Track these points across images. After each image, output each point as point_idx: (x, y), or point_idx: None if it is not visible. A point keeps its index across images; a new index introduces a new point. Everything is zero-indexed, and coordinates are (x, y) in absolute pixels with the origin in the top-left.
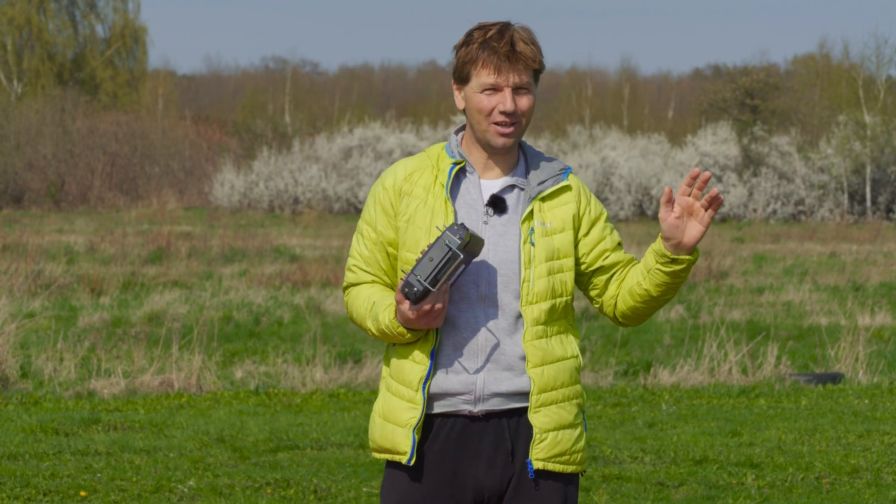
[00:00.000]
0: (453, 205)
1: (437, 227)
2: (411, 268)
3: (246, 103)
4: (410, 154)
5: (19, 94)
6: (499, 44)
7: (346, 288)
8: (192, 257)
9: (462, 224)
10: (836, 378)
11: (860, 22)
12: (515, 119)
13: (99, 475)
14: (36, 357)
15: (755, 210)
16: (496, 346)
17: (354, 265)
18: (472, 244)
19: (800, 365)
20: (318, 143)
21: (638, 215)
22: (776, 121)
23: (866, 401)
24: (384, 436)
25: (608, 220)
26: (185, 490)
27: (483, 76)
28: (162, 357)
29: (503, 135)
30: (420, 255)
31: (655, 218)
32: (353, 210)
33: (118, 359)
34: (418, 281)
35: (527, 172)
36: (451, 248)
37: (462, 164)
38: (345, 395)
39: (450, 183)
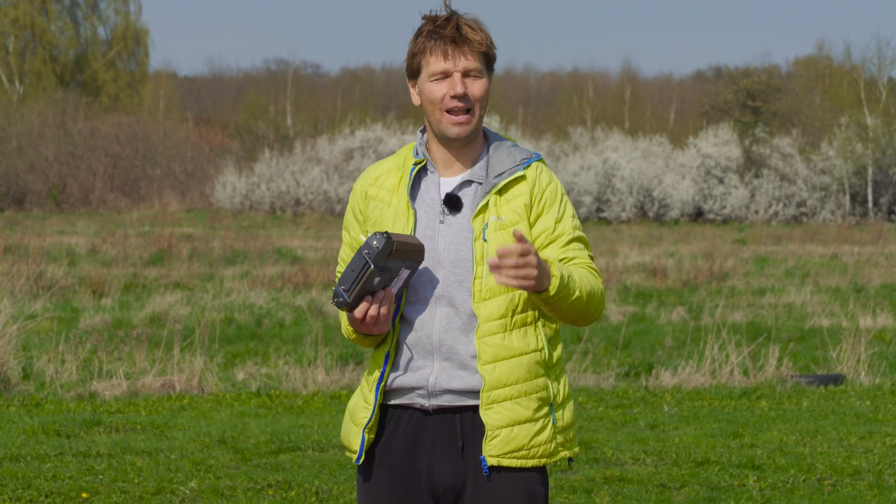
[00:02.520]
0: (413, 206)
1: (361, 236)
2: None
3: (247, 105)
4: None
5: (21, 96)
6: (444, 30)
7: None
8: (194, 259)
9: (384, 233)
10: (837, 380)
11: (861, 23)
12: (468, 104)
13: (101, 477)
14: (37, 359)
15: (757, 212)
16: (451, 344)
17: (339, 271)
18: (401, 252)
19: (801, 366)
20: (319, 145)
21: (640, 217)
22: (778, 122)
23: (868, 402)
24: (344, 434)
25: (565, 214)
26: (187, 492)
27: (432, 64)
28: (163, 359)
29: (457, 123)
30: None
31: (657, 219)
32: None
33: (120, 360)
34: (341, 291)
35: (488, 166)
36: (366, 259)
37: (423, 163)
38: (346, 396)
39: (409, 183)
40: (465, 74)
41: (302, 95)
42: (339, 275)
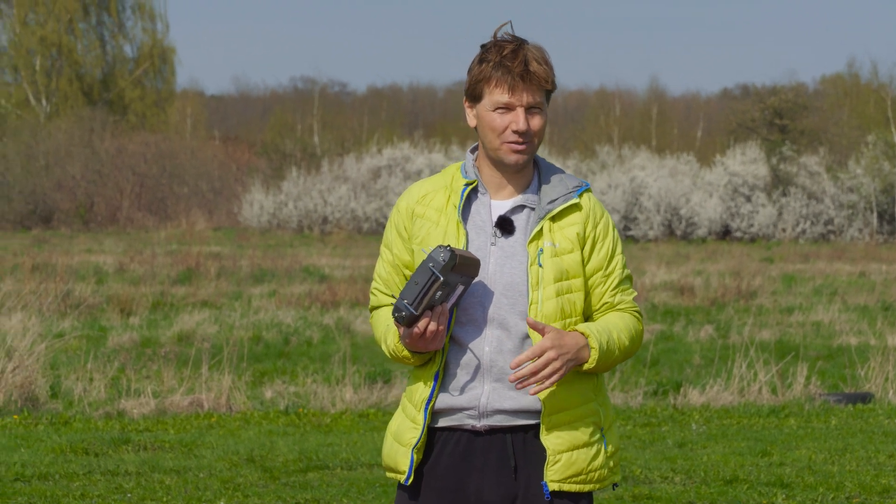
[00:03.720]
0: (465, 226)
1: (422, 251)
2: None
3: (274, 123)
4: None
5: (48, 115)
6: (513, 63)
7: (370, 310)
8: (222, 277)
9: (447, 246)
10: (865, 398)
11: (889, 42)
12: (528, 138)
13: (129, 495)
14: (66, 377)
15: (784, 230)
16: (502, 366)
17: (375, 287)
18: (461, 266)
19: (829, 385)
20: (346, 164)
21: (667, 235)
22: (805, 140)
23: None
24: (389, 454)
25: (615, 250)
26: None
27: (496, 95)
28: (191, 377)
29: (516, 152)
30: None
31: (684, 238)
32: (381, 230)
33: (148, 379)
34: (405, 305)
35: (539, 191)
36: (433, 271)
37: (474, 185)
38: (374, 415)
39: (461, 204)
40: (527, 109)
41: (329, 114)
42: (375, 292)
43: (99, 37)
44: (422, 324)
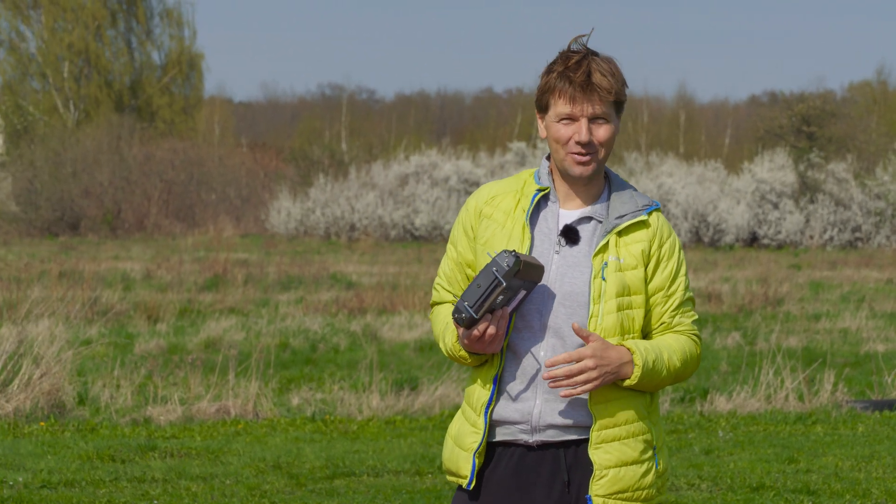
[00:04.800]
0: (531, 232)
1: (487, 254)
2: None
3: (302, 130)
4: (466, 181)
5: (77, 121)
6: (575, 74)
7: (431, 305)
8: (249, 284)
9: (513, 251)
10: (893, 405)
11: None
12: (591, 150)
13: (156, 502)
14: (92, 384)
15: (812, 237)
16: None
17: (438, 283)
18: (524, 272)
19: (856, 392)
20: (374, 170)
21: (695, 242)
22: (833, 147)
23: None
24: (450, 458)
25: (680, 271)
26: None
27: (560, 106)
28: (218, 384)
29: (580, 163)
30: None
31: (712, 245)
32: (409, 237)
33: (175, 386)
34: (466, 307)
35: (609, 205)
36: (496, 276)
37: (546, 192)
38: (401, 421)
39: (530, 210)
40: (592, 119)
41: (356, 121)
42: (437, 287)
43: (127, 43)
44: (481, 327)
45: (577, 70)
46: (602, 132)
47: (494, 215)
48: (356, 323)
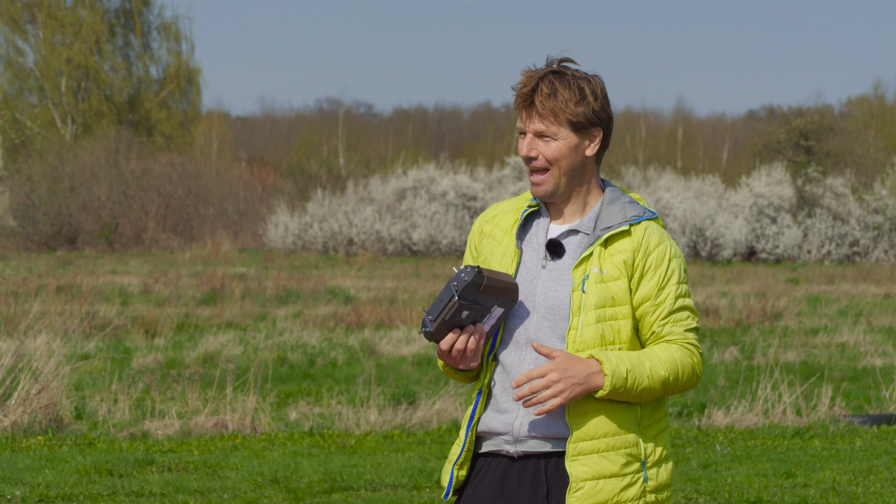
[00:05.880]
0: (518, 247)
1: (453, 268)
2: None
3: (300, 145)
4: (464, 196)
5: (74, 136)
6: (525, 89)
7: None
8: (247, 299)
9: (476, 267)
10: (890, 419)
11: None
12: (540, 165)
13: None
14: (90, 398)
15: (809, 251)
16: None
17: None
18: (492, 289)
19: (854, 406)
20: (372, 185)
21: (692, 256)
22: (830, 162)
23: None
24: (442, 470)
25: (670, 281)
26: None
27: (518, 121)
28: (216, 398)
29: (534, 183)
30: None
31: (710, 259)
32: (406, 251)
33: (172, 400)
34: (427, 320)
35: (598, 218)
36: (453, 291)
37: (536, 208)
38: (399, 436)
39: (517, 226)
40: (539, 136)
41: (354, 135)
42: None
43: (125, 58)
44: (445, 341)
45: (524, 87)
46: (550, 149)
47: (494, 233)
48: (354, 337)
